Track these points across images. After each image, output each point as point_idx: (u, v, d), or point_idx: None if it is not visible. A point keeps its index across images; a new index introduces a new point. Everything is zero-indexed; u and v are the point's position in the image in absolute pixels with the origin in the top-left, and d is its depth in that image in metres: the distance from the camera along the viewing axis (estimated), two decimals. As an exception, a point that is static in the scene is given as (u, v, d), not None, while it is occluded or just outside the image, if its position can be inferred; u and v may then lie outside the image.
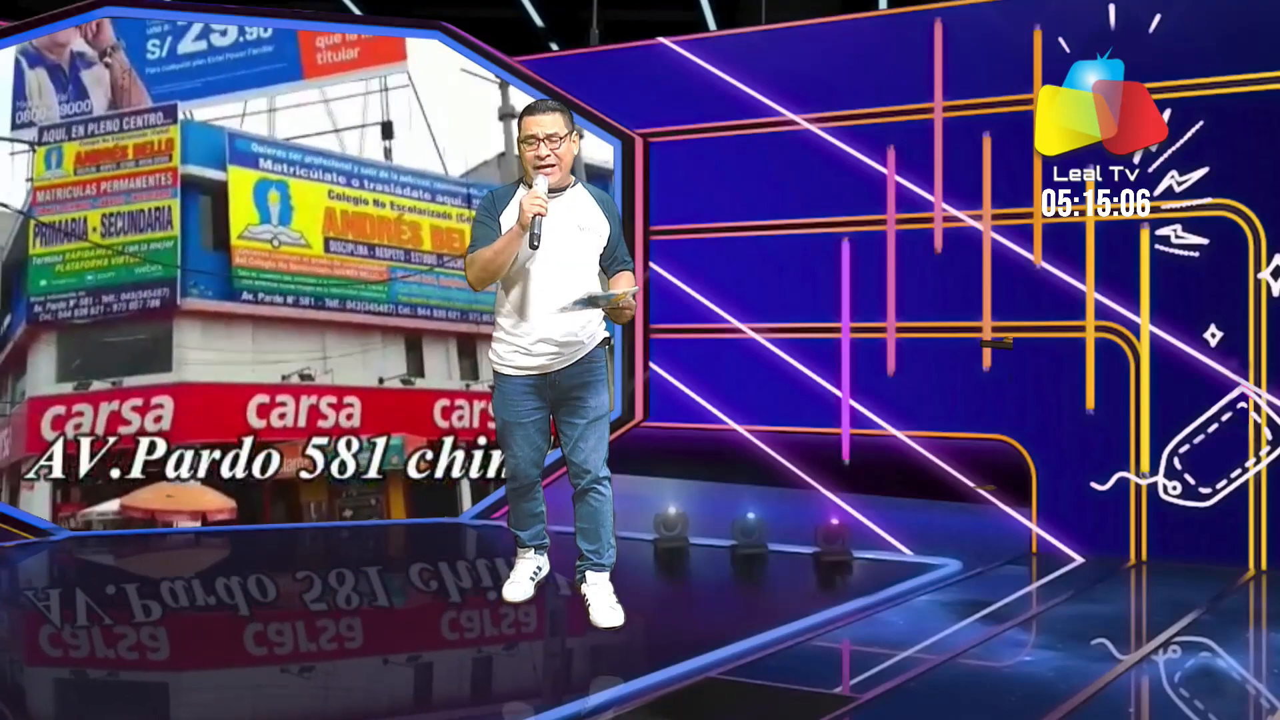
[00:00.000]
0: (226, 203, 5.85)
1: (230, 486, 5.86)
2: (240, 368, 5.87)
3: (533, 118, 3.89)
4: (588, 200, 4.00)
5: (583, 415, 4.00)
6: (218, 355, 5.84)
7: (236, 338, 5.86)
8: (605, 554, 4.12)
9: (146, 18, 5.89)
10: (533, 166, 3.86)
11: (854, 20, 6.07)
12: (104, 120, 5.83)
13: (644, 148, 6.36)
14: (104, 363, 5.76)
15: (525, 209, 3.72)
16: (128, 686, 3.72)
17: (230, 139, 5.90)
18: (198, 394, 5.80)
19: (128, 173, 5.82)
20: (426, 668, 3.91)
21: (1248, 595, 4.84)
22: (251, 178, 5.90)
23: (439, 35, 6.20)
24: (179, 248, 5.78)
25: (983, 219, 5.65)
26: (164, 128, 5.84)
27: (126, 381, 5.76)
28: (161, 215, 5.79)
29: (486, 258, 3.83)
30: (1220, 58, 5.21)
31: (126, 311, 5.78)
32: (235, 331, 5.85)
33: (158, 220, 5.79)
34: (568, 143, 3.90)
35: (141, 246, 5.77)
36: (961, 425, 5.70)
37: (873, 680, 3.59)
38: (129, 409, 5.74)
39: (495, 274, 3.87)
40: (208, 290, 5.81)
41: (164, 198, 5.80)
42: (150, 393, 5.76)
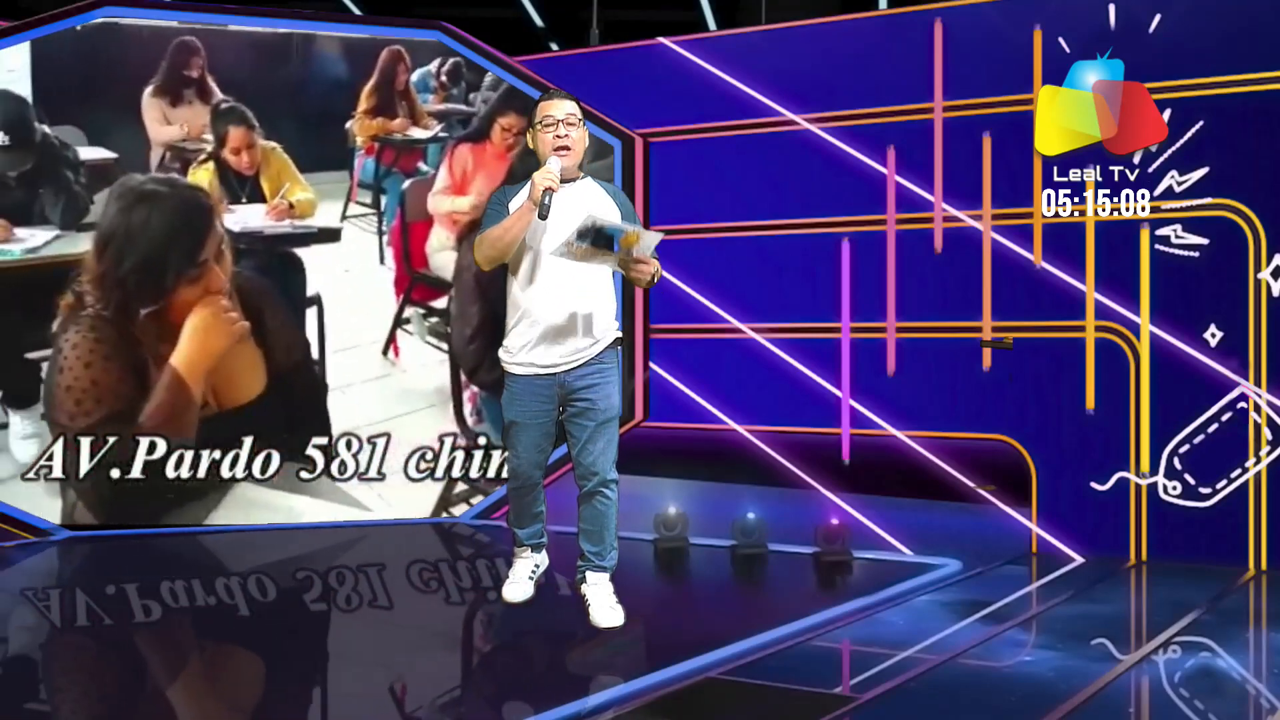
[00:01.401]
0: None
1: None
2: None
3: (550, 102, 3.98)
4: (598, 191, 4.01)
5: (592, 417, 3.99)
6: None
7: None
8: (607, 556, 4.12)
9: (146, 18, 5.90)
10: (551, 148, 3.89)
11: (854, 20, 6.07)
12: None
13: (644, 148, 6.36)
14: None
15: (536, 183, 3.74)
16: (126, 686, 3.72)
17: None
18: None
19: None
20: (426, 668, 3.91)
21: (1248, 595, 4.84)
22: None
23: (439, 35, 6.21)
24: None
25: (983, 219, 5.65)
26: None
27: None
28: None
29: (495, 234, 3.86)
30: (1220, 58, 5.21)
31: None
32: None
33: None
34: (581, 129, 3.96)
35: None
36: (961, 425, 5.70)
37: (873, 680, 3.59)
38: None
39: (504, 251, 3.88)
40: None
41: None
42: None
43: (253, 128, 6.11)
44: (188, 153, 6.06)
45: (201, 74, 6.06)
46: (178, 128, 6.05)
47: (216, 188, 6.03)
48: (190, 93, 6.08)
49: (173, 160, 6.05)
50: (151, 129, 6.03)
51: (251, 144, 6.10)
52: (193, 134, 6.07)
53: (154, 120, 6.06)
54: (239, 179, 6.11)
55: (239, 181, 6.11)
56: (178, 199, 5.93)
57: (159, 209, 5.87)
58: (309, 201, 6.19)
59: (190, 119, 6.07)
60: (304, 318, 6.11)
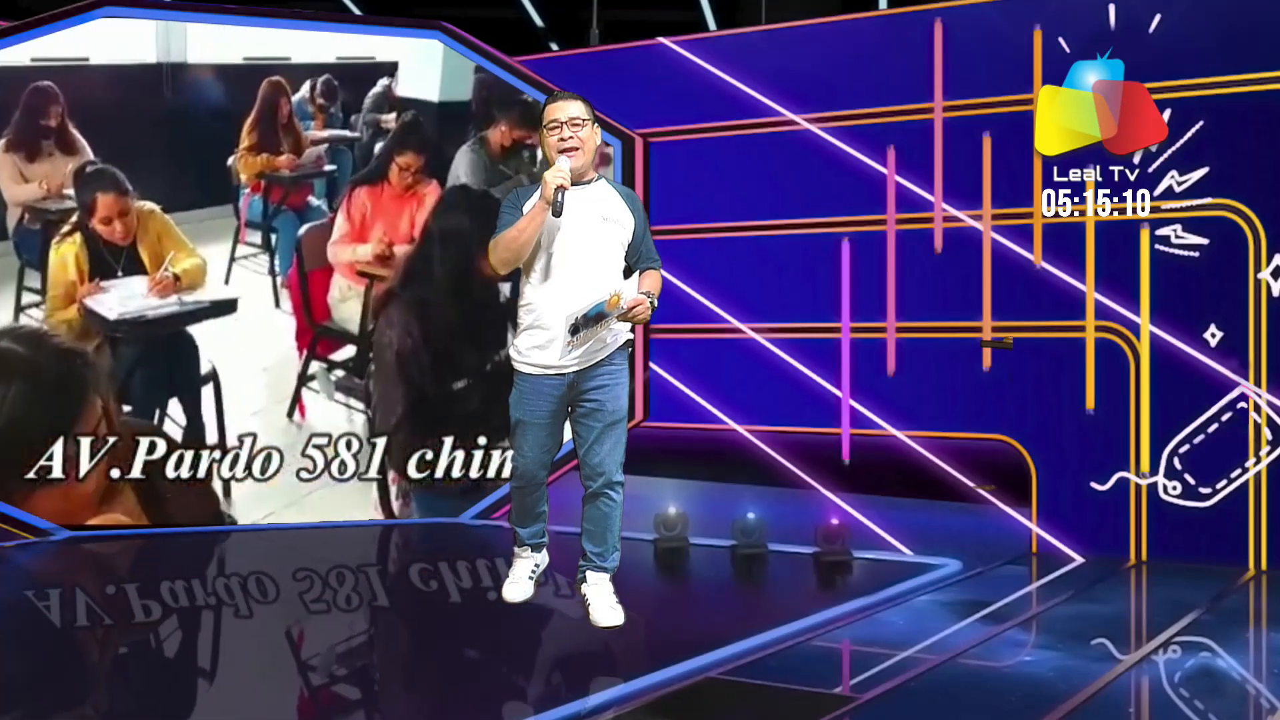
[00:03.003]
0: None
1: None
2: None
3: (555, 104, 3.94)
4: (611, 194, 4.00)
5: (600, 418, 3.97)
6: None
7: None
8: (609, 557, 4.10)
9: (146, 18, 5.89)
10: (556, 151, 3.88)
11: (854, 20, 6.07)
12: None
13: (644, 148, 6.36)
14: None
15: (548, 181, 3.73)
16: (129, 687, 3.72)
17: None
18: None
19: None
20: (426, 668, 3.91)
21: (1248, 595, 4.84)
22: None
23: (439, 35, 6.20)
24: None
25: (983, 219, 5.65)
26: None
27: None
28: None
29: (510, 236, 3.84)
30: (1220, 58, 5.21)
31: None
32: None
33: None
34: (589, 129, 3.93)
35: None
36: (961, 425, 5.70)
37: (873, 680, 3.59)
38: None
39: (519, 253, 3.86)
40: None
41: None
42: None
43: (126, 192, 5.54)
44: (49, 214, 5.47)
45: (61, 121, 5.49)
46: (35, 185, 5.48)
47: (84, 264, 5.41)
48: (49, 144, 5.49)
49: (32, 221, 5.48)
50: (5, 189, 5.44)
51: (125, 210, 5.51)
52: (53, 191, 5.49)
53: (7, 179, 5.43)
54: (112, 250, 5.51)
55: (112, 253, 5.52)
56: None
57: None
58: (197, 269, 5.67)
59: (49, 175, 5.47)
60: (200, 398, 5.69)
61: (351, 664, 4.00)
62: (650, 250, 4.04)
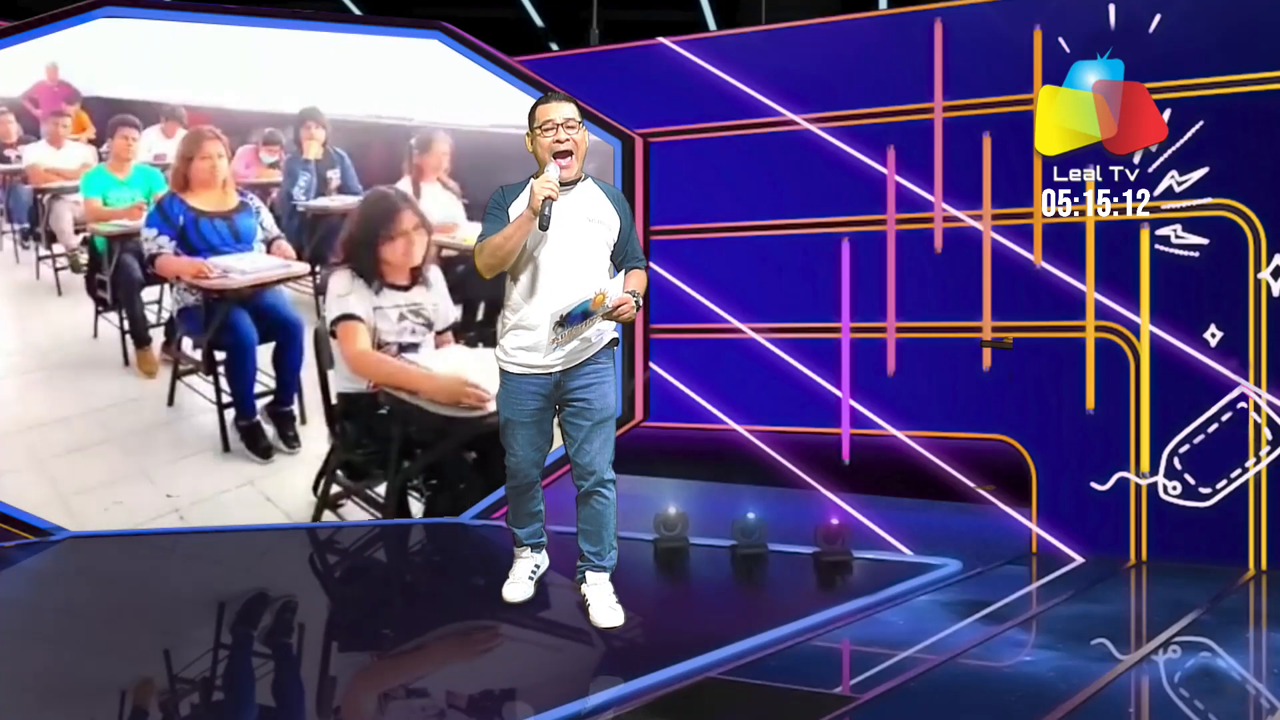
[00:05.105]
0: None
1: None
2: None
3: (548, 105, 3.94)
4: (598, 194, 4.00)
5: (588, 416, 3.98)
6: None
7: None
8: (607, 556, 4.11)
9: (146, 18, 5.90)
10: (552, 153, 3.88)
11: (854, 20, 6.07)
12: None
13: (644, 148, 6.36)
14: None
15: (536, 192, 3.73)
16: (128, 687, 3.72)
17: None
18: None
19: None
20: (427, 668, 3.91)
21: (1248, 595, 4.84)
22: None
23: (439, 35, 6.20)
24: None
25: (983, 219, 5.65)
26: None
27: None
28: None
29: (496, 243, 3.84)
30: (1220, 58, 5.21)
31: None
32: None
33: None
34: (582, 131, 3.94)
35: None
36: (961, 425, 5.70)
37: (873, 680, 3.59)
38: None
39: (504, 260, 3.87)
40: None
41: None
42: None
43: None
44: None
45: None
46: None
47: None
48: None
49: None
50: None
51: None
52: None
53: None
54: None
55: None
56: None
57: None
58: None
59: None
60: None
61: (351, 664, 4.00)
62: (636, 250, 4.05)
